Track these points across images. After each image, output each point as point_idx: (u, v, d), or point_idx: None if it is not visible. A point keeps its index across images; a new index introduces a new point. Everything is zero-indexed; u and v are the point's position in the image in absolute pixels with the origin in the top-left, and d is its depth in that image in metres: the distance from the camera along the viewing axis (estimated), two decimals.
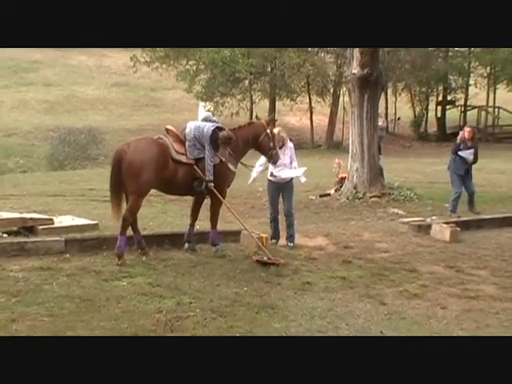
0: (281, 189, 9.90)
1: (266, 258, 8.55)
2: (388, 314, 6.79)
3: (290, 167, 9.85)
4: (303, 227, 11.47)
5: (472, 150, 12.93)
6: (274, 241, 9.83)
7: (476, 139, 13.42)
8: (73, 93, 40.36)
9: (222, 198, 8.89)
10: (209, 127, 8.73)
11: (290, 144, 9.95)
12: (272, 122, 9.70)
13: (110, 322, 6.05)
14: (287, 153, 9.84)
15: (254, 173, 9.87)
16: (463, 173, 12.98)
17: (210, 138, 8.65)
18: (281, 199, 9.97)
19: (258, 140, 9.31)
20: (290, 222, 9.89)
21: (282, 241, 9.86)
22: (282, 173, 9.76)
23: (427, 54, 34.26)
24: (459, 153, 12.96)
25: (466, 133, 13.14)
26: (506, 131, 36.03)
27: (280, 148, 9.67)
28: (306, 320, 6.44)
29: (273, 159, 9.46)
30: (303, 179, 10.10)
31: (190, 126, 8.82)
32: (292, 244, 9.76)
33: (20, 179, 21.01)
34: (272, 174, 9.83)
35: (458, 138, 13.49)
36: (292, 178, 9.91)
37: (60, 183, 18.59)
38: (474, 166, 13.21)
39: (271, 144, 9.35)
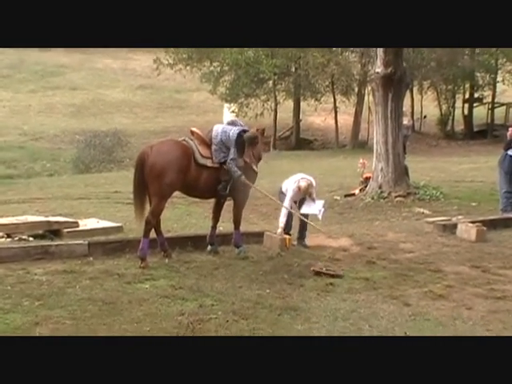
0: None
1: (324, 269, 8.26)
2: (412, 315, 6.69)
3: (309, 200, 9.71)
4: (327, 228, 11.40)
5: None
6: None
7: None
8: (98, 96, 40.74)
9: (250, 184, 8.93)
10: (234, 131, 8.71)
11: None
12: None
13: (132, 324, 6.04)
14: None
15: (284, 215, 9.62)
16: (510, 171, 12.64)
17: (235, 141, 8.64)
18: None
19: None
20: (305, 224, 9.81)
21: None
22: (302, 205, 9.73)
23: (453, 51, 33.88)
24: (508, 151, 12.63)
25: None
26: None
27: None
28: (329, 322, 6.37)
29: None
30: (320, 216, 9.86)
31: (217, 130, 8.78)
32: (305, 243, 9.71)
33: (46, 182, 21.26)
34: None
35: (508, 134, 13.27)
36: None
37: (85, 186, 18.77)
38: None
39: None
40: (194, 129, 9.05)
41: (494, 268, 8.71)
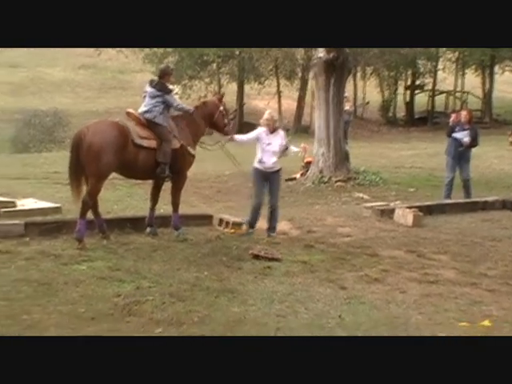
0: (267, 179, 9.53)
1: (263, 253, 8.23)
2: (348, 299, 6.78)
3: (278, 155, 9.49)
4: None
5: (467, 132, 12.62)
6: (251, 230, 9.54)
7: (473, 122, 13.21)
8: (39, 74, 39.96)
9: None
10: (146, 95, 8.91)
11: (281, 132, 9.67)
12: (222, 97, 9.83)
13: (67, 305, 5.97)
14: (277, 139, 9.48)
15: (242, 137, 9.87)
16: (457, 156, 12.76)
17: (150, 93, 8.77)
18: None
19: (213, 118, 9.41)
20: (275, 215, 9.64)
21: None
22: (270, 160, 9.41)
23: None
24: (453, 134, 12.74)
25: (462, 116, 13.01)
26: (474, 116, 36.21)
27: (272, 133, 9.45)
28: (265, 304, 6.40)
29: (228, 134, 9.62)
30: (295, 149, 10.34)
31: (141, 110, 8.83)
32: (274, 234, 9.51)
33: None
34: (260, 161, 9.41)
35: (451, 120, 13.49)
36: (280, 169, 9.64)
37: (24, 166, 18.38)
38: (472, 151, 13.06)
39: (225, 120, 9.53)
40: (130, 110, 9.01)
41: (429, 253, 8.89)
